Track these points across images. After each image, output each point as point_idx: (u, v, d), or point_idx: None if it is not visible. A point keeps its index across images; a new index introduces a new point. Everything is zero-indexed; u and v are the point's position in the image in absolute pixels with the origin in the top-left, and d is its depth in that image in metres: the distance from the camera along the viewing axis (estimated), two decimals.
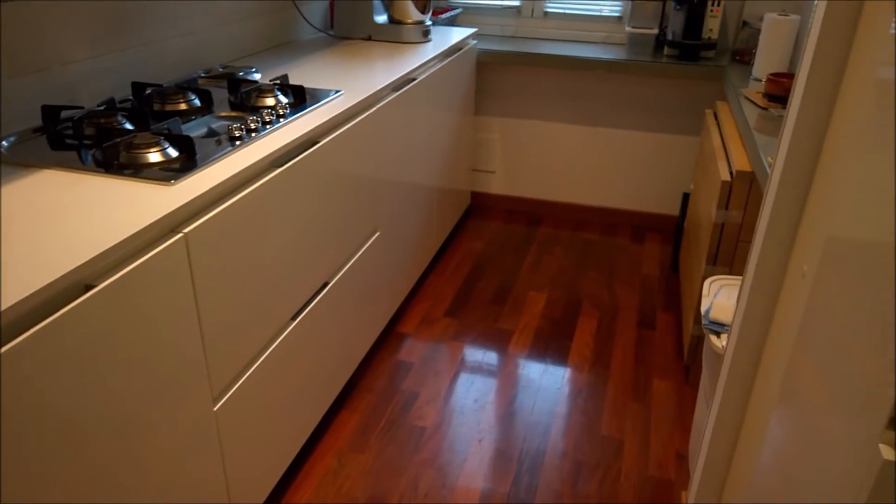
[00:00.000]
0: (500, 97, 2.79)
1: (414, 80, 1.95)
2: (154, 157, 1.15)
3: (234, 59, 1.91)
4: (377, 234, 1.80)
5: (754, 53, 2.16)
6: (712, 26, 2.37)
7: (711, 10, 2.35)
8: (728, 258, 1.62)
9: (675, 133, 2.65)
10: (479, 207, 2.99)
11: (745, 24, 2.37)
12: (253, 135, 1.30)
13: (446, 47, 2.23)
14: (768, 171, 1.33)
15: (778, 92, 1.76)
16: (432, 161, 2.23)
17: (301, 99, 1.53)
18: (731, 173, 1.59)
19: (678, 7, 2.36)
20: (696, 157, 2.66)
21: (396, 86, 1.84)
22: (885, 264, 0.60)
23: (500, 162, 2.91)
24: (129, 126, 1.29)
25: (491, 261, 2.54)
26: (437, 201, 2.35)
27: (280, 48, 2.09)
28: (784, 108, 1.75)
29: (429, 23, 2.28)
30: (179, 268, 1.02)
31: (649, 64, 2.40)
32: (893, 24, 0.77)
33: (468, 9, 2.80)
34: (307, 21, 2.24)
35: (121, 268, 0.91)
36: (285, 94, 1.52)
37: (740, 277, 1.33)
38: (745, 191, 1.55)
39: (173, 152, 1.18)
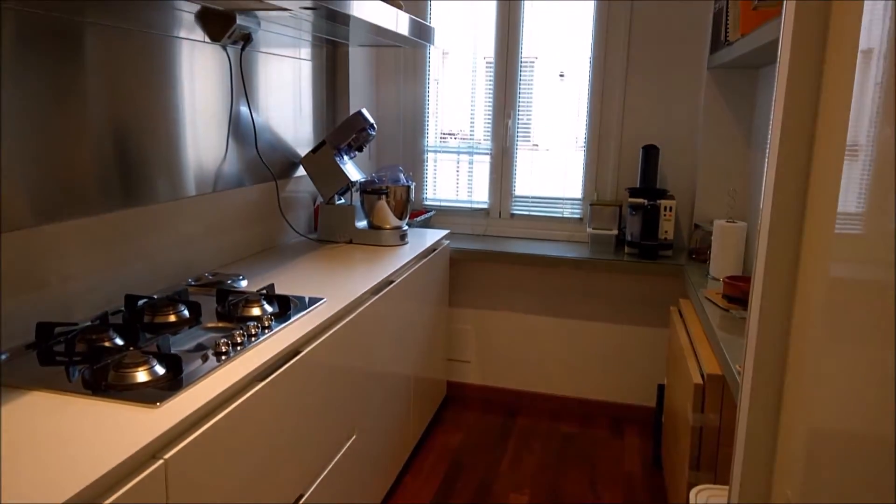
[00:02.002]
0: (473, 290, 2.91)
1: (392, 282, 2.04)
2: (142, 376, 1.16)
3: (223, 264, 2.00)
4: (354, 436, 1.77)
5: (709, 253, 2.33)
6: (667, 228, 2.58)
7: (665, 214, 2.58)
8: (711, 462, 1.62)
9: (643, 325, 2.76)
10: (456, 398, 2.97)
11: (696, 226, 2.59)
12: (238, 348, 1.33)
13: (422, 249, 2.37)
14: (738, 379, 1.38)
15: (736, 294, 1.89)
16: (409, 353, 2.26)
17: (286, 308, 1.58)
18: (702, 376, 1.65)
19: (633, 212, 2.58)
20: (666, 349, 2.74)
21: (376, 289, 1.92)
22: (875, 458, 0.62)
23: (475, 352, 2.96)
24: (119, 341, 1.31)
25: (469, 456, 2.48)
26: (414, 393, 2.34)
27: (267, 252, 2.20)
28: (743, 308, 1.86)
29: (405, 227, 2.43)
30: (155, 494, 0.99)
31: (611, 262, 2.57)
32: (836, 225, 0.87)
33: (441, 211, 3.01)
34: (293, 228, 2.38)
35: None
36: (271, 304, 1.58)
37: (726, 488, 1.33)
38: (718, 394, 1.60)
39: (160, 370, 1.19)
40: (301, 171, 2.42)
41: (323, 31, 2.31)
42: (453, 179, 3.02)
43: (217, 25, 1.81)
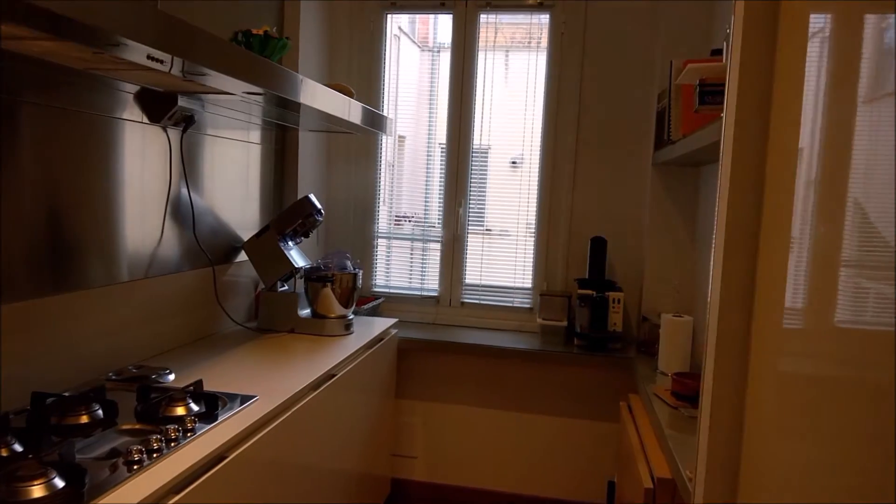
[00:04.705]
0: (421, 381, 2.81)
1: (334, 376, 1.94)
2: (37, 491, 1.03)
3: (152, 355, 1.87)
4: None
5: (657, 347, 2.31)
6: (616, 320, 2.57)
7: (613, 306, 2.57)
8: None
9: (593, 419, 2.69)
10: (400, 497, 2.81)
11: (644, 318, 2.59)
12: (154, 455, 1.20)
13: (368, 339, 2.28)
14: (688, 485, 1.33)
15: (685, 392, 1.85)
16: (350, 449, 2.13)
17: (213, 407, 1.46)
18: (652, 479, 1.58)
19: (582, 303, 2.56)
20: (615, 444, 2.67)
21: (316, 384, 1.81)
22: None
23: (423, 447, 2.82)
24: (18, 448, 1.17)
25: None
26: (356, 491, 2.19)
27: (201, 343, 2.07)
28: (693, 406, 1.82)
29: (351, 316, 2.35)
30: None
31: (561, 354, 2.53)
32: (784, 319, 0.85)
33: (390, 298, 2.95)
34: (230, 317, 2.27)
35: None
36: (197, 403, 1.46)
37: None
38: (669, 498, 1.53)
39: (60, 483, 1.06)
40: (244, 256, 2.34)
41: (273, 116, 2.30)
42: (406, 266, 2.98)
43: (157, 107, 1.77)
